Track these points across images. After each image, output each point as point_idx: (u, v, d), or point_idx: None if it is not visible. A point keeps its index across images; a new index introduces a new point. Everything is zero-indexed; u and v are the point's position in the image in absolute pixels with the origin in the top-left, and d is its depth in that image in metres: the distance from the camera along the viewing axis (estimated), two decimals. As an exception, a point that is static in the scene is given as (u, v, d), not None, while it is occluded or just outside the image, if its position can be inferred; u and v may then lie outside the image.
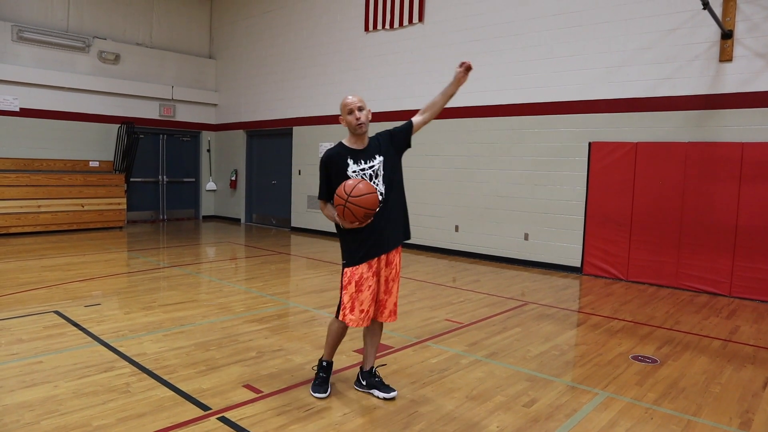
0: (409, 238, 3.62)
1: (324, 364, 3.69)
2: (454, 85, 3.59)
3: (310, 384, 3.71)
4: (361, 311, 3.42)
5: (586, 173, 8.21)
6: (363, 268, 3.41)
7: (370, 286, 3.42)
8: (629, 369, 4.29)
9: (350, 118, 3.41)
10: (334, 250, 10.19)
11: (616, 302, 6.57)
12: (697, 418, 3.43)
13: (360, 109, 3.41)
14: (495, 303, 6.36)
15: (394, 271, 3.53)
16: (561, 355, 4.61)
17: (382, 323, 3.65)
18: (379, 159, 3.46)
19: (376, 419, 3.27)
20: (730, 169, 6.97)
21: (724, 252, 7.04)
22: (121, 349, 4.42)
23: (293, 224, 12.98)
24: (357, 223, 3.29)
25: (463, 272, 8.26)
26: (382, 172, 3.47)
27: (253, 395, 3.60)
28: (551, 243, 8.63)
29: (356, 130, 3.42)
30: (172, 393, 3.60)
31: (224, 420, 3.23)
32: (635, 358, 4.56)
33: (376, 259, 3.44)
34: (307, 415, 3.32)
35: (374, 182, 3.42)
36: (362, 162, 3.45)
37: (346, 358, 4.32)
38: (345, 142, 3.52)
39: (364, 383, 3.68)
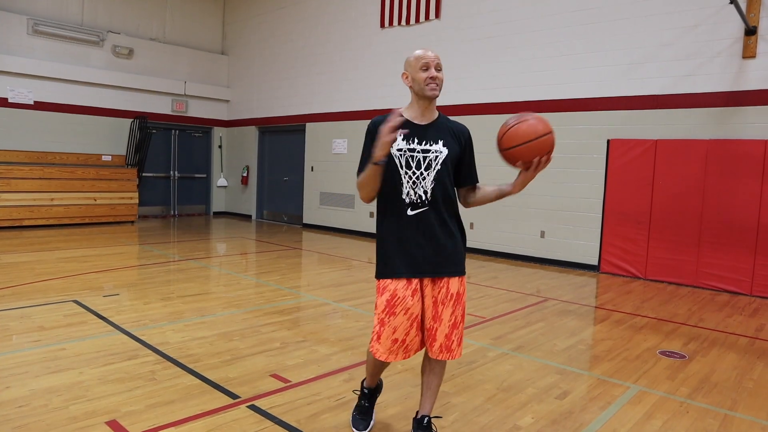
0: (463, 272, 2.72)
1: (365, 390, 3.01)
2: (518, 186, 2.62)
3: (352, 413, 3.09)
4: (394, 341, 2.60)
5: (604, 171, 8.14)
6: (398, 283, 2.60)
7: (407, 308, 2.58)
8: (658, 364, 4.23)
9: (423, 75, 2.56)
10: (348, 246, 10.15)
11: (637, 299, 6.50)
12: (734, 413, 3.37)
13: (437, 67, 2.58)
14: (515, 299, 6.30)
15: (444, 290, 2.63)
16: (588, 350, 4.56)
17: (445, 362, 2.78)
18: (441, 149, 2.62)
19: (409, 408, 3.22)
20: (752, 167, 6.89)
21: (745, 250, 6.96)
22: (143, 338, 4.38)
23: (305, 221, 12.94)
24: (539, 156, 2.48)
25: (480, 269, 8.20)
26: (438, 167, 2.61)
27: (282, 384, 3.55)
28: (568, 241, 8.56)
29: (425, 91, 2.57)
30: (199, 381, 3.56)
31: (254, 408, 3.19)
32: (663, 353, 4.50)
33: (416, 280, 2.63)
34: (338, 404, 3.27)
35: (421, 174, 2.59)
36: (415, 141, 2.60)
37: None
38: (403, 111, 2.64)
39: None
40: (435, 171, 2.60)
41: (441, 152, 2.63)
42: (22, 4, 11.51)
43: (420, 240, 2.60)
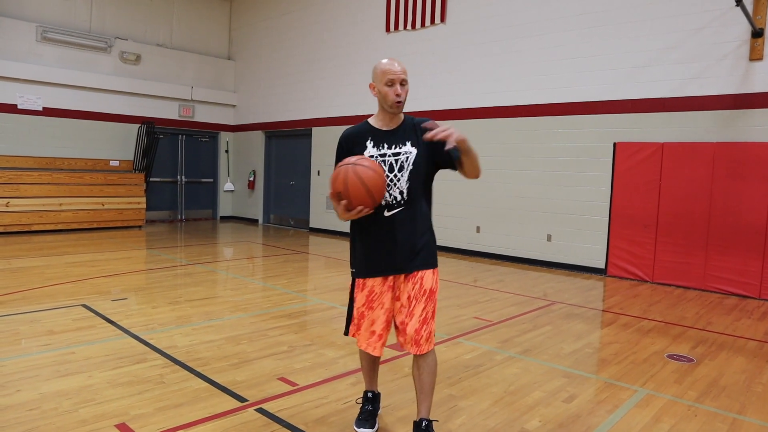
0: (436, 265, 2.82)
1: (368, 395, 3.08)
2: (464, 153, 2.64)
3: (355, 418, 3.10)
4: (371, 333, 2.79)
5: (610, 174, 8.12)
6: (375, 281, 2.77)
7: (383, 303, 2.77)
8: (666, 367, 4.22)
9: (388, 90, 2.64)
10: (353, 250, 10.16)
11: (644, 303, 6.48)
12: (743, 417, 3.36)
13: (403, 83, 2.66)
14: (521, 302, 6.29)
15: (417, 286, 2.73)
16: (595, 353, 4.55)
17: (430, 359, 2.79)
18: (410, 149, 2.72)
19: (416, 412, 3.22)
20: (759, 170, 6.86)
21: (753, 254, 6.92)
22: (151, 342, 4.41)
23: (311, 225, 12.98)
24: (345, 201, 2.54)
25: (486, 273, 8.20)
26: (411, 167, 2.71)
27: (289, 388, 3.57)
28: (575, 244, 8.55)
29: (392, 108, 2.68)
30: (207, 384, 3.58)
31: (262, 411, 3.20)
32: (671, 356, 4.48)
33: (392, 276, 2.78)
34: (345, 408, 3.28)
35: (395, 176, 2.69)
36: (385, 146, 2.73)
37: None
38: (371, 120, 2.82)
39: None
40: (408, 171, 2.71)
41: (411, 152, 2.72)
42: (30, 11, 11.62)
43: (396, 239, 2.71)
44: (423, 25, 10.40)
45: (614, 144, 8.08)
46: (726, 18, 7.13)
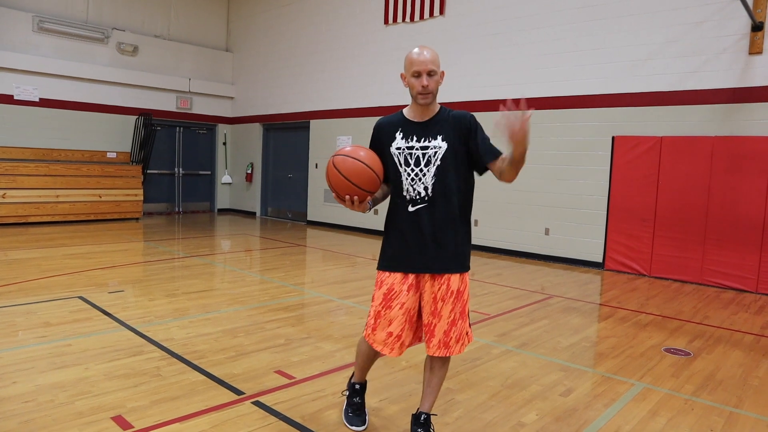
0: (465, 269, 2.68)
1: (356, 387, 3.02)
2: (514, 147, 2.49)
3: (342, 409, 3.12)
4: (389, 334, 2.65)
5: (609, 168, 8.11)
6: (395, 277, 2.65)
7: (403, 303, 2.62)
8: (663, 361, 4.22)
9: (415, 82, 2.56)
10: (352, 243, 10.16)
11: (642, 297, 6.49)
12: (739, 410, 3.36)
13: (430, 73, 2.54)
14: (519, 296, 6.30)
15: (444, 287, 2.61)
16: (592, 347, 4.55)
17: (446, 362, 2.76)
18: (440, 144, 2.61)
19: (412, 405, 3.21)
20: (758, 164, 6.86)
21: (751, 248, 6.93)
22: (148, 334, 4.40)
23: (309, 218, 12.96)
24: (334, 194, 2.57)
25: (484, 266, 8.20)
26: (438, 163, 2.60)
27: (286, 380, 3.56)
28: (572, 238, 8.55)
29: (418, 99, 2.59)
30: (204, 377, 3.57)
31: (259, 404, 3.20)
32: (668, 350, 4.49)
33: (413, 275, 2.66)
34: (342, 401, 3.27)
35: (421, 170, 2.60)
36: (414, 138, 2.64)
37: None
38: (405, 110, 2.73)
39: None
40: (435, 167, 2.60)
41: (440, 147, 2.61)
42: (27, 1, 11.54)
43: (419, 236, 2.61)
44: (422, 17, 10.35)
45: (613, 138, 8.06)
46: (726, 11, 7.11)
